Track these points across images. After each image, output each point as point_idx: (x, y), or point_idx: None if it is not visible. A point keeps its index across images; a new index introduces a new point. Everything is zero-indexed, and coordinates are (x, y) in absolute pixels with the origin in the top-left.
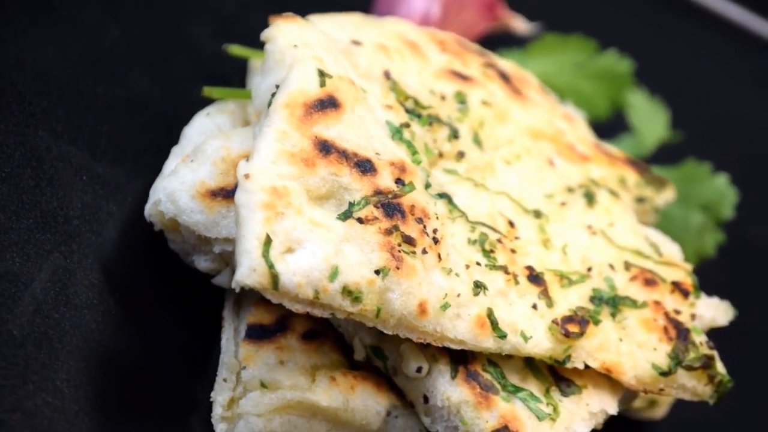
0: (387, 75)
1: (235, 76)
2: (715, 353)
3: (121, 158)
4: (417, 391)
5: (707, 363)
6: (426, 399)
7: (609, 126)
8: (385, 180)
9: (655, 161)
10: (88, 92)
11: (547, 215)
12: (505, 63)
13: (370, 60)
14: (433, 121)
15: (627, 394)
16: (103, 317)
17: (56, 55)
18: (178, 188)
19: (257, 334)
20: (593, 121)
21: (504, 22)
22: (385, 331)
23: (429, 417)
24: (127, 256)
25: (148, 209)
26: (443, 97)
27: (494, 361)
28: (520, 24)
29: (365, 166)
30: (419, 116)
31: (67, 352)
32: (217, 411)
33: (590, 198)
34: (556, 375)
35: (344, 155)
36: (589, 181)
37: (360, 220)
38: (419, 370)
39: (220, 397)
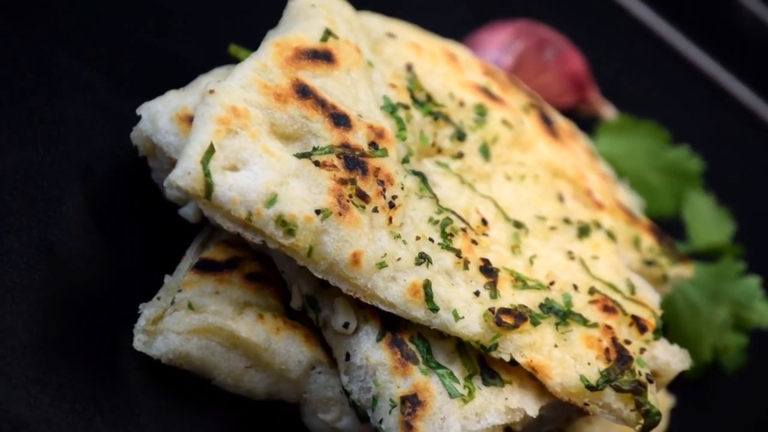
0: (408, 67)
1: None
2: (651, 385)
3: (133, 94)
4: (341, 347)
5: (637, 389)
6: (348, 356)
7: (667, 225)
8: (359, 138)
9: (696, 257)
10: (125, 31)
11: (529, 230)
12: (559, 116)
13: (398, 51)
14: (439, 116)
15: (557, 406)
16: (59, 218)
17: None
18: (160, 110)
19: (205, 267)
20: (654, 216)
21: (592, 105)
22: (316, 274)
23: (347, 376)
24: (105, 176)
25: (133, 131)
26: (462, 104)
27: (425, 336)
28: (608, 111)
29: (340, 119)
30: (423, 105)
31: (15, 237)
32: (141, 323)
33: (583, 232)
34: (485, 366)
35: (321, 103)
36: (593, 223)
37: (317, 163)
38: (346, 325)
39: (147, 311)
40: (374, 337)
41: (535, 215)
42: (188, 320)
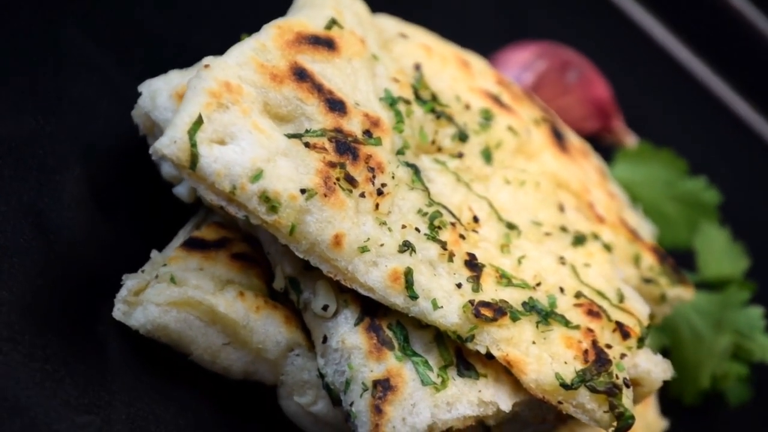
0: (417, 67)
1: None
2: (627, 390)
3: (142, 75)
4: (319, 329)
5: (612, 391)
6: (325, 339)
7: (679, 256)
8: (353, 125)
9: (703, 287)
10: (140, 16)
11: (522, 232)
12: (572, 134)
13: (407, 51)
14: (441, 116)
15: (533, 405)
16: (51, 187)
17: None
18: (161, 87)
19: (193, 245)
20: (667, 246)
21: (616, 134)
22: (297, 254)
23: (323, 359)
24: (105, 153)
25: (134, 109)
26: (467, 107)
27: (404, 325)
28: (631, 140)
29: (336, 105)
30: (425, 102)
31: (2, 201)
32: (122, 293)
33: (579, 240)
34: (462, 359)
35: (318, 87)
36: (591, 234)
37: (307, 145)
38: (326, 308)
39: (129, 282)
40: (352, 322)
41: (531, 220)
42: (168, 293)
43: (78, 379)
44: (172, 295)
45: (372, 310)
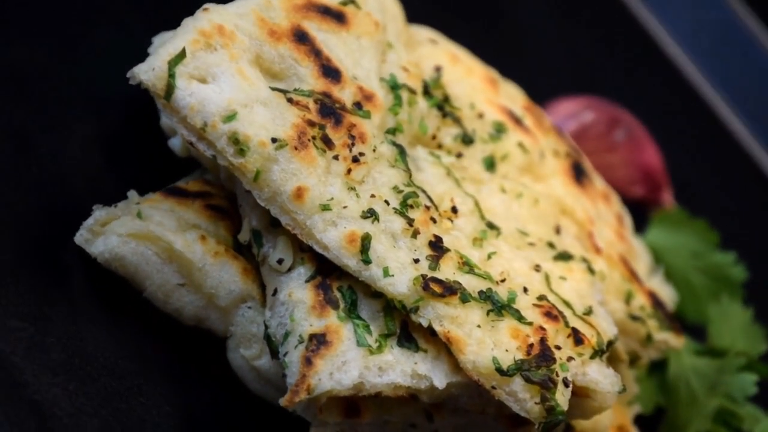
0: (437, 69)
1: None
2: (566, 389)
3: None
4: (272, 283)
5: (547, 384)
6: (275, 292)
7: (696, 330)
8: (344, 95)
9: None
10: None
11: (502, 234)
12: (597, 177)
13: (432, 54)
14: (448, 115)
15: (473, 393)
16: (43, 115)
17: None
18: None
19: (172, 192)
20: (686, 316)
21: (662, 205)
22: (260, 201)
23: (271, 311)
24: (113, 98)
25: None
26: (480, 116)
27: (355, 290)
28: (674, 208)
29: (331, 72)
30: (432, 97)
31: None
32: (89, 221)
33: (563, 257)
34: (406, 332)
35: (316, 53)
36: (579, 257)
37: (290, 101)
38: (281, 261)
39: (99, 212)
40: (304, 278)
41: (517, 228)
42: (131, 225)
43: (22, 289)
44: (134, 227)
45: (327, 272)
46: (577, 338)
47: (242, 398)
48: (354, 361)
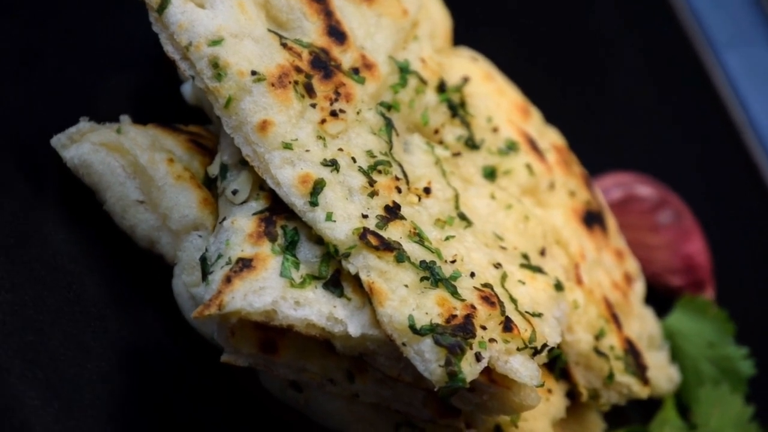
0: (465, 79)
1: None
2: (476, 363)
3: None
4: (223, 212)
5: (455, 349)
6: (223, 220)
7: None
8: (345, 58)
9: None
10: None
11: (473, 229)
12: (618, 237)
13: (464, 67)
14: (458, 116)
15: (390, 353)
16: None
17: None
18: None
19: (167, 125)
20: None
21: (702, 295)
22: (226, 129)
23: (214, 237)
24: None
25: None
26: (495, 130)
27: (299, 233)
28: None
29: (337, 33)
30: (443, 92)
31: None
32: (71, 129)
33: (531, 269)
34: (335, 279)
35: (327, 13)
36: (553, 278)
37: (284, 45)
38: (235, 192)
39: (84, 124)
40: (252, 211)
41: (494, 232)
42: (106, 135)
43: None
44: (109, 138)
45: (277, 213)
46: (508, 326)
47: (179, 330)
48: (272, 289)
